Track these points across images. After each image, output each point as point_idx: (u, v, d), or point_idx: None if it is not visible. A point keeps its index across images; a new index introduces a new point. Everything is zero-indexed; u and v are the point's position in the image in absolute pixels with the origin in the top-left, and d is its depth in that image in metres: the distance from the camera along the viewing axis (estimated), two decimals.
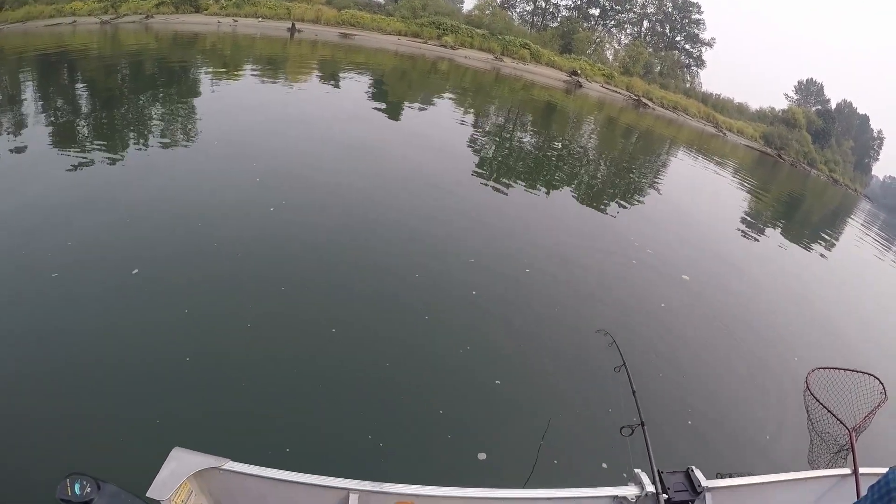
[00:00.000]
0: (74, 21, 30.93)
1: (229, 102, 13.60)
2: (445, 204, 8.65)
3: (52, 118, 10.66)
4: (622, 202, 11.93)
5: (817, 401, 3.07)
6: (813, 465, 2.96)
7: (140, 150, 9.06)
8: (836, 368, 3.15)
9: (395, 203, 8.12)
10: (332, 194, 7.99)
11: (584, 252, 8.11)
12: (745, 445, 4.77)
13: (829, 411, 3.02)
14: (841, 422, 2.97)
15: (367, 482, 2.46)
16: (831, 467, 2.84)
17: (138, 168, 8.15)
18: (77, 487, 1.84)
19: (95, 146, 9.04)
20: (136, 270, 5.29)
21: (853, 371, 3.15)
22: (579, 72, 37.54)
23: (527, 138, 17.31)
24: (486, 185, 10.43)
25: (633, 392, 3.03)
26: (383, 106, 17.01)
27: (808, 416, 3.14)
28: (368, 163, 9.90)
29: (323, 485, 2.46)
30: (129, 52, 22.98)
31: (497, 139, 15.75)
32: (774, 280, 9.94)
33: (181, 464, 2.42)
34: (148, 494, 2.21)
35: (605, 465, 3.88)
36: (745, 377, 5.88)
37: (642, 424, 2.82)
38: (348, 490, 2.45)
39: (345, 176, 8.91)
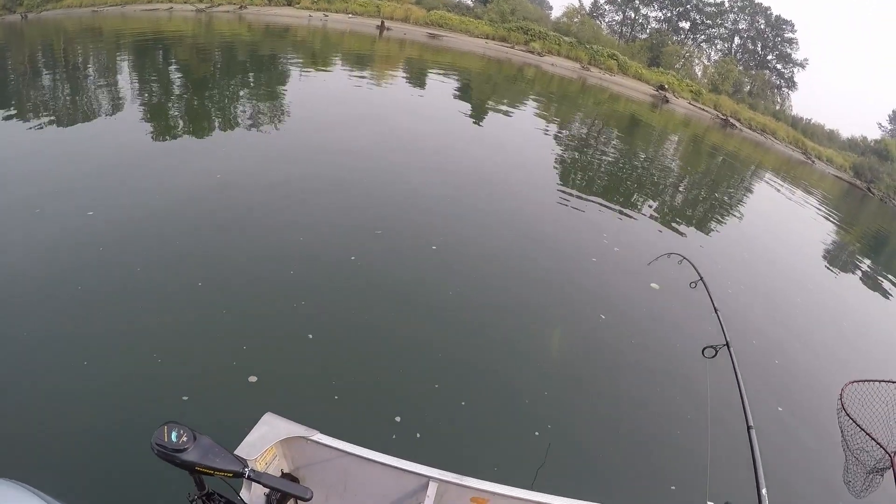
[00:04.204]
0: (171, 7, 33.09)
1: (318, 96, 14.93)
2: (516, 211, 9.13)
3: (146, 97, 12.13)
4: (701, 225, 11.93)
5: (853, 421, 2.76)
6: (849, 487, 2.80)
7: (226, 132, 10.36)
8: (872, 381, 2.83)
9: (472, 210, 8.68)
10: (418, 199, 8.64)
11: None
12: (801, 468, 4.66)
13: (867, 434, 2.72)
14: (880, 445, 2.67)
15: (448, 473, 2.48)
16: (867, 488, 2.68)
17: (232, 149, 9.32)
18: (174, 435, 1.85)
19: (182, 125, 10.40)
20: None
21: (890, 382, 2.83)
22: (666, 87, 37.14)
23: (609, 152, 17.31)
24: (566, 196, 10.62)
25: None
26: (468, 108, 17.89)
27: (843, 434, 2.83)
28: (451, 168, 10.59)
29: (405, 469, 2.50)
30: (222, 40, 24.59)
31: (579, 150, 16.07)
32: (848, 315, 9.41)
33: (272, 429, 2.55)
34: (236, 452, 2.31)
35: (673, 488, 4.04)
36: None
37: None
38: (429, 478, 2.46)
39: (428, 176, 9.73)
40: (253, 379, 4.10)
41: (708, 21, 51.04)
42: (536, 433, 4.22)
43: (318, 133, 11.13)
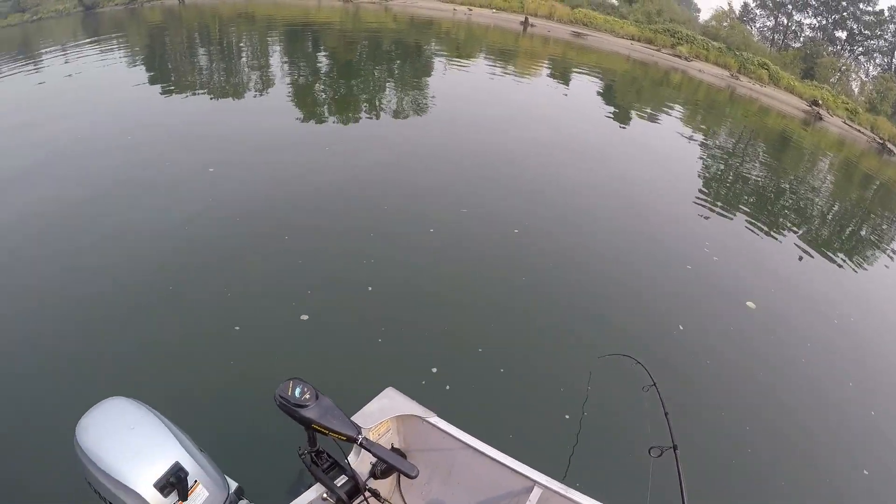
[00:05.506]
0: None
1: (460, 88, 16.48)
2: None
3: (295, 79, 13.85)
4: (848, 257, 11.23)
5: None
6: None
7: (369, 119, 11.86)
8: None
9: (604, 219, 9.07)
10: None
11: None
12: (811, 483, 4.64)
13: None
14: None
15: (555, 482, 2.38)
16: None
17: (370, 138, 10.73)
18: (297, 391, 1.90)
19: (317, 108, 12.05)
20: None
21: None
22: (821, 102, 35.33)
23: (756, 168, 17.12)
24: (706, 209, 10.87)
25: (666, 414, 2.83)
26: (611, 109, 18.89)
27: None
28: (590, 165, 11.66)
29: (513, 468, 2.44)
30: (368, 30, 26.71)
31: (724, 162, 16.20)
32: None
33: (392, 403, 2.59)
34: (353, 418, 2.33)
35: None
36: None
37: (674, 448, 2.54)
38: (535, 482, 2.38)
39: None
40: (304, 317, 4.74)
41: (866, 31, 47.30)
42: (567, 416, 4.27)
43: (446, 119, 12.81)
